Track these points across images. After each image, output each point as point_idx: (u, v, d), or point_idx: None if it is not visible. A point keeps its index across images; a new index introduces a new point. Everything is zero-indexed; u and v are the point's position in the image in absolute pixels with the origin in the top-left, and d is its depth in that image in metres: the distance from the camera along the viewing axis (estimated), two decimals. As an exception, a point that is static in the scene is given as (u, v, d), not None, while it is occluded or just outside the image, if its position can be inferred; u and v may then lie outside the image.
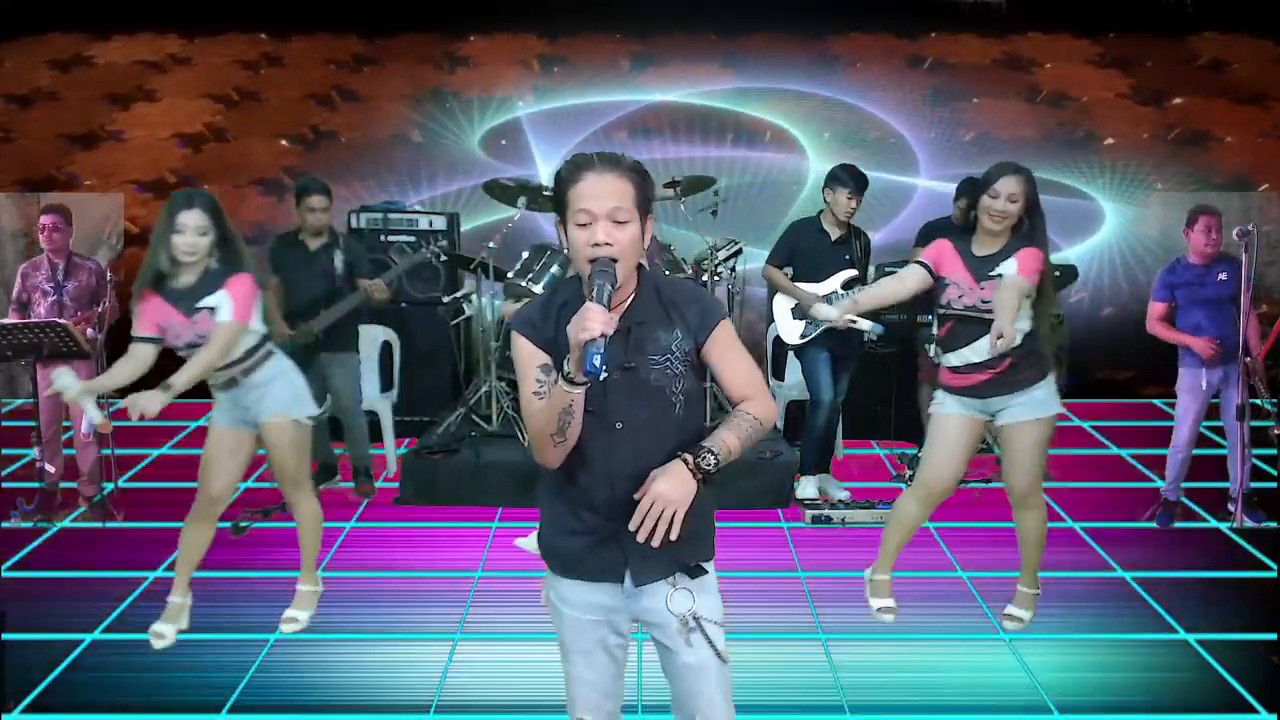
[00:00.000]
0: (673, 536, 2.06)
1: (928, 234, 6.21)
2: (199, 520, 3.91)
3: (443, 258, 6.02)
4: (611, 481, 2.13)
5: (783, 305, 5.39)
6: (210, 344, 3.62)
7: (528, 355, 2.15)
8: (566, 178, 2.09)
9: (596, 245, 2.04)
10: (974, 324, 3.72)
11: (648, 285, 2.16)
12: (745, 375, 2.21)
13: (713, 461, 2.09)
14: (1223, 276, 4.89)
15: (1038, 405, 3.76)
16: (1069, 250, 7.89)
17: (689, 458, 2.08)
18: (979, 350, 3.71)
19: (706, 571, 2.25)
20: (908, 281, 3.88)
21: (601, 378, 1.93)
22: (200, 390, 3.81)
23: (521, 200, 5.87)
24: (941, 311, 3.81)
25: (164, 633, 3.90)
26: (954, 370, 3.80)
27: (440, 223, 6.66)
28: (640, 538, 2.06)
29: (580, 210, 2.05)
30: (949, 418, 3.84)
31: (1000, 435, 3.87)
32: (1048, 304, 3.76)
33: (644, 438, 2.12)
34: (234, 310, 3.63)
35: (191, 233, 3.60)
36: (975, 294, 3.72)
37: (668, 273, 5.41)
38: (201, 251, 3.63)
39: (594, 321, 1.92)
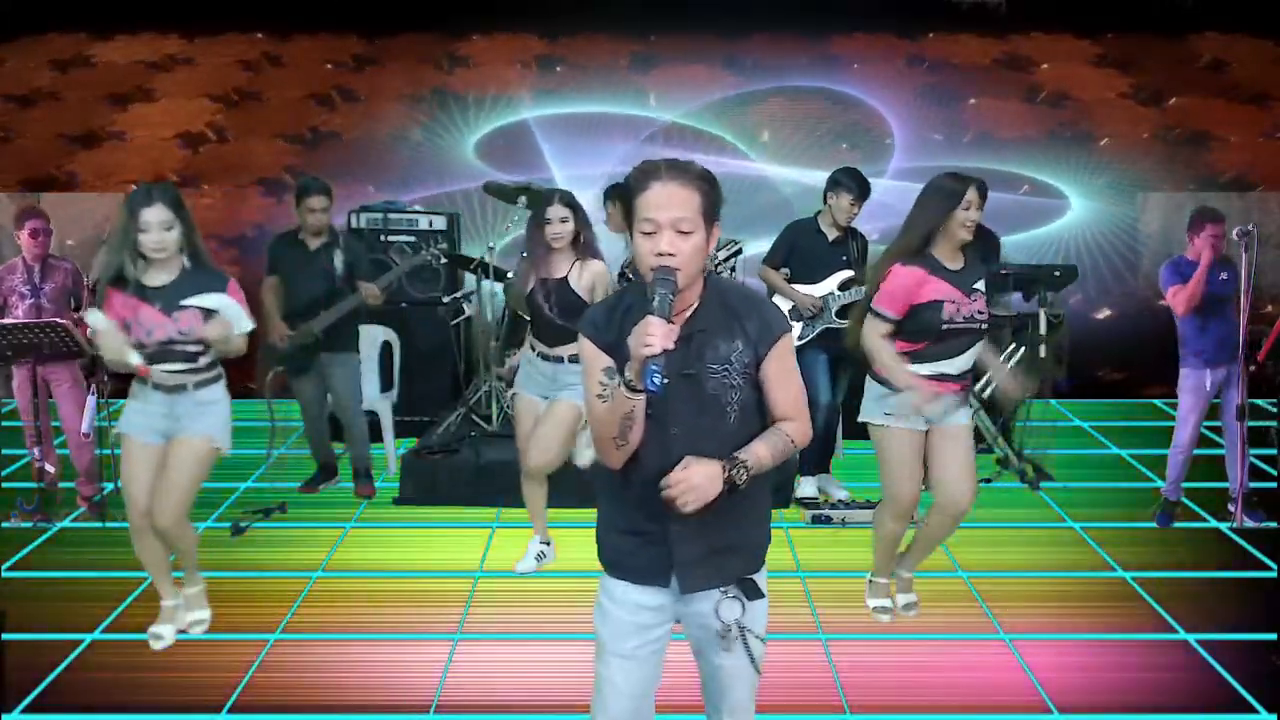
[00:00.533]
0: (684, 509, 2.10)
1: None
2: (143, 535, 3.81)
3: (443, 260, 6.01)
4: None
5: (780, 306, 5.38)
6: (236, 342, 3.69)
7: (592, 356, 2.18)
8: (634, 186, 2.12)
9: (660, 255, 2.06)
10: (967, 336, 3.74)
11: (712, 292, 2.19)
12: (793, 396, 2.25)
13: (744, 476, 2.13)
14: (1224, 276, 4.88)
15: (967, 413, 3.87)
16: (1068, 250, 7.90)
17: (725, 465, 2.12)
18: (957, 364, 3.74)
19: (764, 595, 2.27)
20: (889, 340, 3.80)
21: (661, 393, 1.98)
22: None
23: (521, 200, 5.87)
24: (945, 327, 3.70)
25: (162, 634, 3.90)
26: (925, 379, 3.74)
27: (440, 223, 6.65)
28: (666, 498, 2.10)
29: (645, 219, 2.09)
30: (905, 433, 3.80)
31: (941, 440, 3.82)
32: None
33: (700, 445, 2.14)
34: (249, 316, 3.71)
35: (157, 229, 3.54)
36: (970, 306, 3.73)
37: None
38: (171, 246, 3.58)
39: (655, 336, 1.95)
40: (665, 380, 1.97)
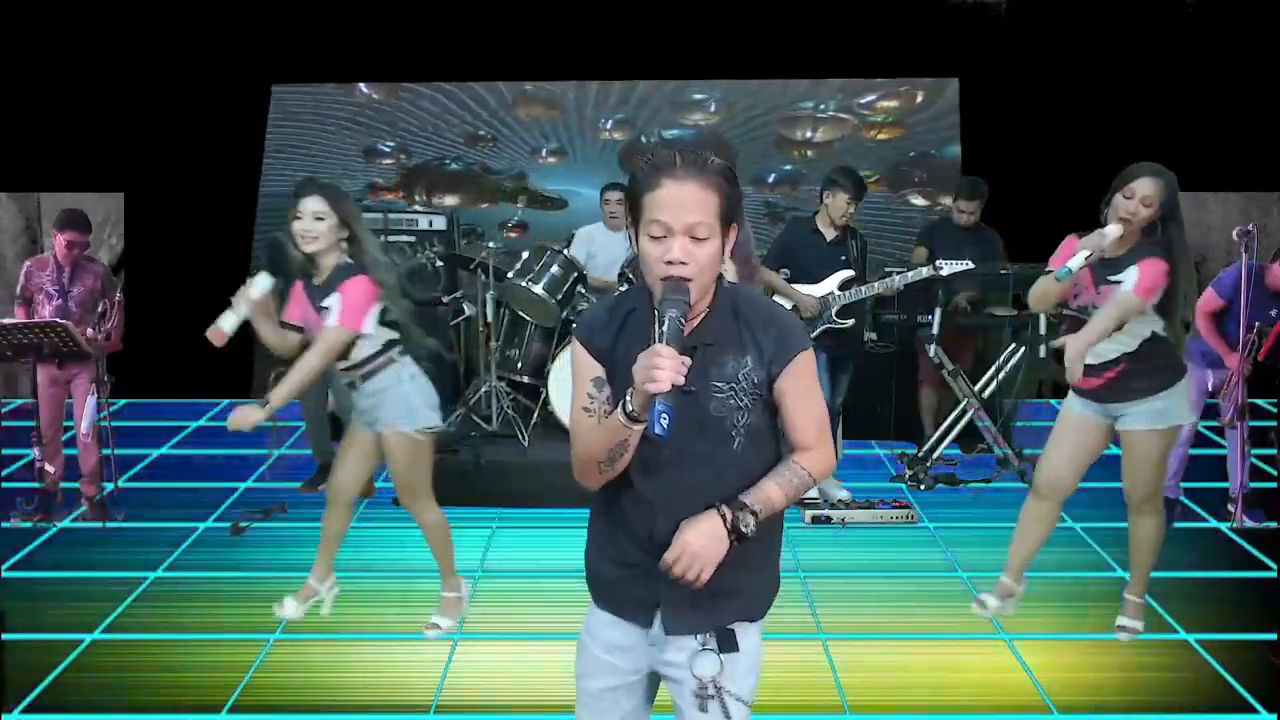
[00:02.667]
0: (698, 584, 1.89)
1: (928, 233, 6.24)
2: (329, 507, 4.01)
3: (439, 262, 5.99)
4: (655, 513, 1.92)
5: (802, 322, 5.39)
6: (312, 350, 3.65)
7: (583, 365, 1.94)
8: (643, 181, 1.84)
9: (670, 263, 1.80)
10: (1078, 326, 3.62)
11: (725, 301, 1.92)
12: (814, 421, 1.98)
13: (751, 523, 1.88)
14: (1273, 313, 4.79)
15: (1157, 415, 3.64)
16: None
17: (727, 514, 1.88)
18: (1096, 353, 3.60)
19: (737, 649, 1.99)
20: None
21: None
22: (200, 391, 3.83)
23: (522, 199, 5.87)
24: (1062, 310, 3.68)
25: (285, 607, 4.03)
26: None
27: (440, 222, 6.65)
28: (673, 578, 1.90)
29: (654, 221, 1.81)
30: (1066, 415, 3.79)
31: (1121, 441, 3.76)
32: (1178, 310, 3.57)
33: (697, 471, 1.91)
34: (341, 315, 3.59)
35: (309, 218, 3.56)
36: (1090, 295, 3.61)
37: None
38: (324, 238, 3.57)
39: (663, 370, 1.68)
40: (673, 419, 1.70)
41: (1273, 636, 3.74)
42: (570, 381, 2.00)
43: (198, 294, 4.50)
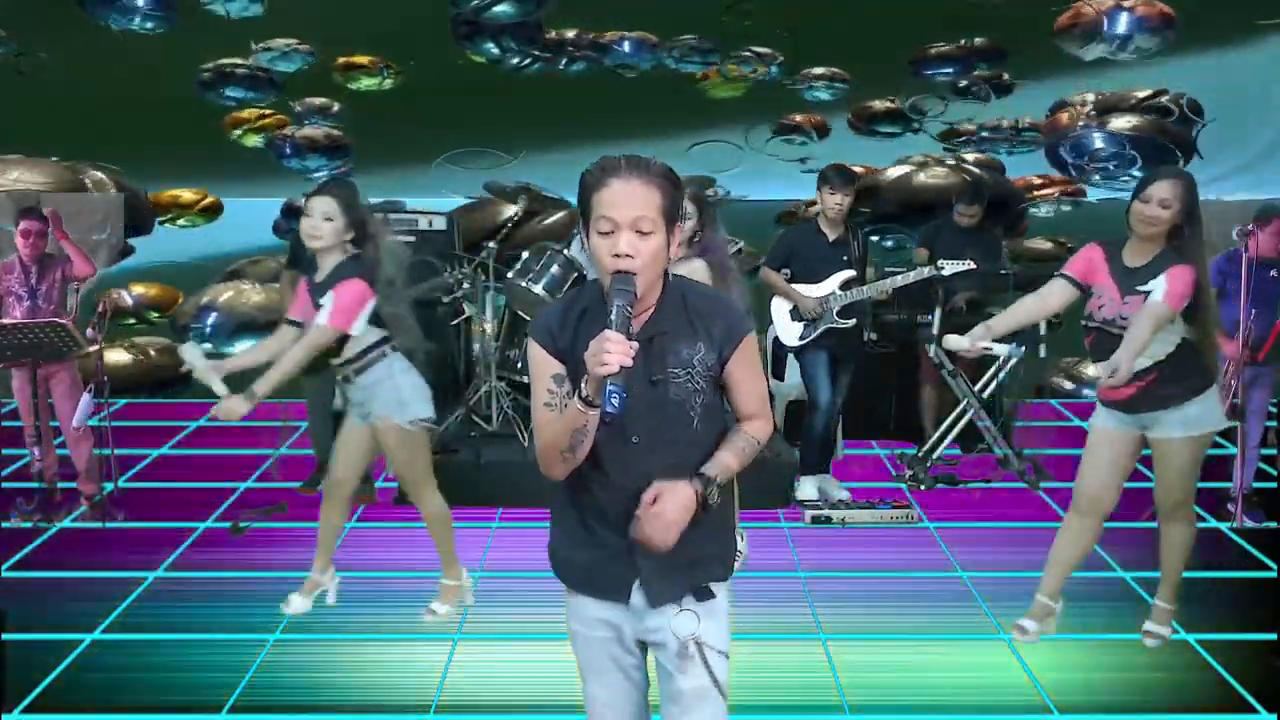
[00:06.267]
0: (665, 549, 2.03)
1: (930, 235, 6.24)
2: (328, 501, 4.07)
3: (456, 293, 5.94)
4: (625, 496, 2.06)
5: (781, 307, 5.39)
6: (298, 344, 3.70)
7: (541, 363, 2.08)
8: (591, 183, 2.01)
9: (618, 256, 1.96)
10: (1115, 338, 3.49)
11: (673, 293, 2.09)
12: (757, 395, 2.17)
13: (716, 494, 2.05)
14: (1274, 273, 4.77)
15: (1190, 423, 3.56)
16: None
17: (699, 486, 2.03)
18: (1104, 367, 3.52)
19: (714, 596, 2.17)
20: (1050, 300, 3.66)
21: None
22: (200, 391, 3.84)
23: (521, 199, 5.87)
24: (1084, 323, 3.60)
25: (292, 602, 4.08)
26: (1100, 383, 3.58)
27: (440, 223, 6.64)
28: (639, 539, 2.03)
29: (602, 218, 1.98)
30: (1100, 430, 3.69)
31: (1152, 449, 3.67)
32: (1207, 315, 3.51)
33: (661, 453, 2.06)
34: (331, 316, 3.65)
35: (318, 215, 3.62)
36: (1116, 307, 3.52)
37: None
38: (327, 237, 3.64)
39: (613, 354, 1.84)
40: (624, 398, 1.86)
41: (1273, 636, 3.74)
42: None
43: None
